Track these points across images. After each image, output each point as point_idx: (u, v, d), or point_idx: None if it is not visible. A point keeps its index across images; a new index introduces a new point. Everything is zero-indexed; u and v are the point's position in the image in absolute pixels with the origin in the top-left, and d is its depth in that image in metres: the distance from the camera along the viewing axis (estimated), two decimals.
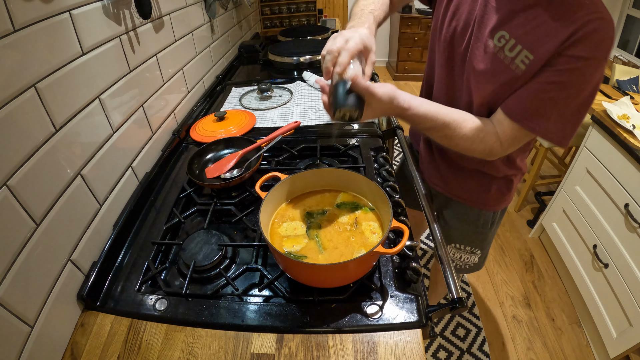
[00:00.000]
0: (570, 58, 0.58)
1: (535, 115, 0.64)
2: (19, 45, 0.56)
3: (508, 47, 0.64)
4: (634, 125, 1.33)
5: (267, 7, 2.45)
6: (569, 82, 0.59)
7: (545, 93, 0.61)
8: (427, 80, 0.91)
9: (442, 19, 0.77)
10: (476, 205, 0.95)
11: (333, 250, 0.66)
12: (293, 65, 1.70)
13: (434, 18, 0.81)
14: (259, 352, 0.59)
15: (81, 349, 0.61)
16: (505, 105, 0.67)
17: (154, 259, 0.76)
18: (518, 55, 0.63)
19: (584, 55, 0.56)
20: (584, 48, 0.56)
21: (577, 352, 1.48)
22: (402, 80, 4.15)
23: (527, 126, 0.65)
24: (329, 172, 0.78)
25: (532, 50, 0.61)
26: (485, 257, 1.09)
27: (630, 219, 1.25)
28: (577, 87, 0.60)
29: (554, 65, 0.60)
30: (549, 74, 0.60)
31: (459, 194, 0.95)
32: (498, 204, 0.94)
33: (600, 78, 0.60)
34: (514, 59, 0.63)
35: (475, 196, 0.93)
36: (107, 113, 0.79)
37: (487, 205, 0.94)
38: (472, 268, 1.10)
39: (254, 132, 1.18)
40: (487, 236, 1.02)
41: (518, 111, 0.65)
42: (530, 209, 2.22)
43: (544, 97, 0.62)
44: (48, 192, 0.62)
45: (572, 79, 0.59)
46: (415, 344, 0.59)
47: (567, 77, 0.59)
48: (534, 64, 0.61)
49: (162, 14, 1.06)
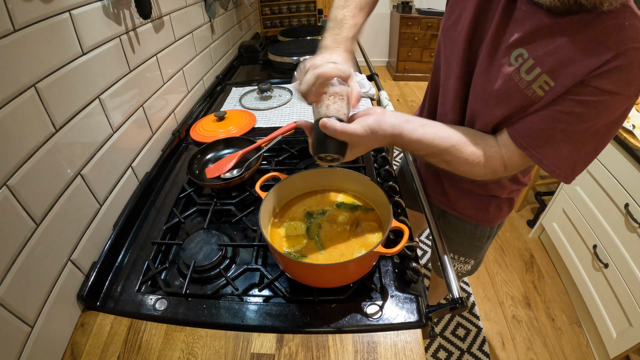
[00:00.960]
0: (595, 90, 0.49)
1: (545, 146, 0.56)
2: (19, 45, 0.56)
3: (525, 69, 0.54)
4: (634, 125, 1.33)
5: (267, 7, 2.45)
6: (587, 115, 0.51)
7: (559, 123, 0.53)
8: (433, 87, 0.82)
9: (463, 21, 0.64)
10: (473, 221, 0.91)
11: (333, 250, 0.66)
12: (293, 65, 1.70)
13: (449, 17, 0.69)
14: (259, 352, 0.59)
15: (81, 349, 0.61)
16: (512, 128, 0.59)
17: (154, 259, 0.76)
18: (536, 79, 0.54)
19: (612, 90, 0.48)
20: (614, 82, 0.48)
21: (577, 352, 1.48)
22: (402, 80, 4.15)
23: (533, 156, 0.57)
24: (329, 172, 0.78)
25: (554, 75, 0.52)
26: (478, 264, 1.07)
27: (630, 219, 1.25)
28: (596, 122, 0.51)
29: (574, 94, 0.51)
30: (568, 102, 0.52)
31: (458, 209, 0.91)
32: (496, 219, 0.91)
33: (625, 114, 0.52)
34: (531, 84, 0.54)
35: (474, 213, 0.89)
36: (107, 113, 0.79)
37: (485, 222, 0.91)
38: (465, 274, 1.10)
39: (254, 132, 1.18)
40: (482, 248, 1.00)
41: (526, 138, 0.57)
42: (530, 209, 2.22)
43: (557, 127, 0.54)
44: (48, 192, 0.62)
45: (592, 113, 0.51)
46: (415, 344, 0.59)
47: (587, 109, 0.51)
48: (555, 91, 0.52)
49: (162, 14, 1.06)
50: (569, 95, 0.52)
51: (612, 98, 0.49)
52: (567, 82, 0.51)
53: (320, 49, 0.64)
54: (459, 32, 0.65)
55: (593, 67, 0.48)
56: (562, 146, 0.55)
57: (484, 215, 0.88)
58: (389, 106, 1.21)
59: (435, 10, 3.68)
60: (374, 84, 1.47)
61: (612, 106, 0.50)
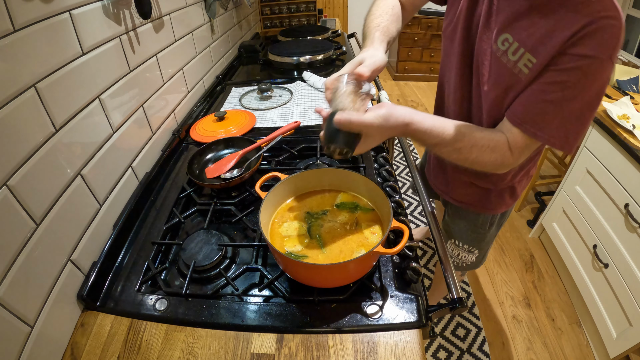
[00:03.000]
0: (572, 56, 0.55)
1: (536, 119, 0.61)
2: (19, 45, 0.56)
3: (511, 51, 0.62)
4: (634, 125, 1.33)
5: (267, 7, 2.45)
6: (570, 82, 0.57)
7: (546, 94, 0.59)
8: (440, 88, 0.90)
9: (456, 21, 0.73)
10: (474, 209, 0.96)
11: (333, 250, 0.66)
12: (293, 65, 1.70)
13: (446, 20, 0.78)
14: (259, 352, 0.59)
15: (81, 349, 0.61)
16: (509, 110, 0.65)
17: (154, 259, 0.76)
18: (521, 58, 0.60)
19: (588, 53, 0.54)
20: (588, 46, 0.54)
21: (577, 352, 1.48)
22: (402, 80, 4.15)
23: (528, 131, 0.62)
24: (329, 172, 0.78)
25: (535, 52, 0.58)
26: (483, 257, 1.10)
27: (630, 219, 1.25)
28: (580, 88, 0.57)
29: (556, 65, 0.57)
30: (551, 73, 0.58)
31: (459, 199, 0.96)
32: (497, 208, 0.94)
33: (605, 81, 0.57)
34: (517, 63, 0.61)
35: (475, 202, 0.94)
36: (107, 113, 0.79)
37: (486, 209, 0.94)
38: (470, 266, 1.12)
39: (254, 132, 1.18)
40: (486, 237, 1.02)
41: (519, 115, 0.62)
42: (530, 209, 2.22)
43: (545, 98, 0.59)
44: (48, 192, 0.62)
45: (574, 79, 0.56)
46: (415, 344, 0.59)
47: (569, 76, 0.56)
48: (537, 67, 0.59)
49: (162, 14, 1.06)
50: (552, 66, 0.58)
51: (590, 62, 0.54)
52: (547, 56, 0.57)
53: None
54: (454, 29, 0.73)
55: (567, 37, 0.54)
56: (553, 117, 0.60)
57: (485, 202, 0.92)
58: None
59: (435, 10, 3.68)
60: (374, 84, 1.47)
61: (591, 71, 0.55)
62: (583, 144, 1.57)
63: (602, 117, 1.43)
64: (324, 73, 1.59)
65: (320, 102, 1.34)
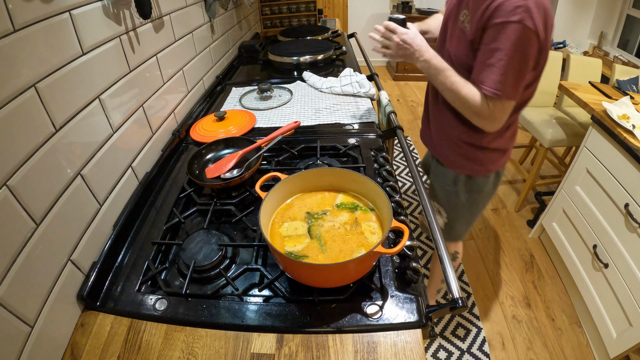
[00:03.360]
0: (494, 24, 0.77)
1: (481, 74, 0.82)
2: (19, 45, 0.56)
3: (467, 20, 0.86)
4: (634, 125, 1.33)
5: (267, 7, 2.45)
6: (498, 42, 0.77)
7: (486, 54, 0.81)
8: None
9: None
10: (445, 163, 1.10)
11: (333, 250, 0.66)
12: (293, 65, 1.70)
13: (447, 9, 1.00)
14: (259, 352, 0.59)
15: (81, 349, 0.61)
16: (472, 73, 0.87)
17: (154, 259, 0.76)
18: (465, 18, 0.87)
19: (502, 19, 0.75)
20: (499, 15, 0.76)
21: (577, 352, 1.48)
22: (402, 80, 4.15)
23: (478, 86, 0.83)
24: (329, 172, 0.78)
25: (471, 12, 0.84)
26: (452, 227, 1.19)
27: (630, 219, 1.25)
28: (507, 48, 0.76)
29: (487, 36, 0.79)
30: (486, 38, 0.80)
31: (436, 149, 1.12)
32: (461, 167, 1.06)
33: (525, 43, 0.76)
34: (464, 22, 0.87)
35: (445, 154, 1.09)
36: (107, 113, 0.79)
37: (453, 166, 1.08)
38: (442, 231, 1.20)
39: (254, 132, 1.18)
40: (451, 199, 1.13)
41: (476, 73, 0.84)
42: (530, 209, 2.22)
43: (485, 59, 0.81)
44: (48, 192, 0.62)
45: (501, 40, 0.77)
46: (415, 344, 0.59)
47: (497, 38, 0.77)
48: (472, 21, 0.83)
49: (162, 14, 1.06)
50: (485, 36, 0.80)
51: (506, 26, 0.75)
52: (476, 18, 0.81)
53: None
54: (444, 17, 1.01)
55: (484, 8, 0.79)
56: (492, 71, 0.80)
57: (452, 158, 1.07)
58: (388, 106, 1.21)
59: (435, 10, 3.68)
60: (374, 84, 1.47)
61: (511, 32, 0.75)
62: (583, 144, 1.57)
63: (602, 117, 1.43)
64: (324, 73, 1.59)
65: (320, 102, 1.34)
